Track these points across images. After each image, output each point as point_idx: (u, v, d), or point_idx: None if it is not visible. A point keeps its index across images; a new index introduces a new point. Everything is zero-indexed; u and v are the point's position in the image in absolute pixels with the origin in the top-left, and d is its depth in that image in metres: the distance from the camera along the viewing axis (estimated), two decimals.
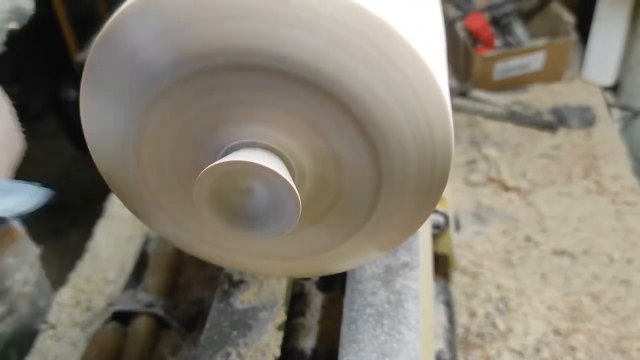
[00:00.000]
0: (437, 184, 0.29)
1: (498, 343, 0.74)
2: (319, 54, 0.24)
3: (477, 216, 0.93)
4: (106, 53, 0.26)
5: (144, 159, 0.29)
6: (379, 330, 0.42)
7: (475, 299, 0.80)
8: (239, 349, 0.43)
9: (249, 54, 0.25)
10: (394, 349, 0.40)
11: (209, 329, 0.44)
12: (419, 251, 0.48)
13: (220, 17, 0.24)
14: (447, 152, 0.28)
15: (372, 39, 0.25)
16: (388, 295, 0.44)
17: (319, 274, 0.37)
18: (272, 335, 0.44)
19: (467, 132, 1.11)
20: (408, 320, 0.42)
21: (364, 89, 0.25)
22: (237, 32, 0.24)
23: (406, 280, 0.45)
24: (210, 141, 0.28)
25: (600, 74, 1.20)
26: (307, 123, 0.26)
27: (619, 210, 0.92)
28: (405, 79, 0.25)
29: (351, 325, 0.42)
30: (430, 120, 0.27)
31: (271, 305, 0.45)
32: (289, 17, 0.24)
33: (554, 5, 1.24)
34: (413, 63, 0.25)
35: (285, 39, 0.24)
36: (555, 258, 0.85)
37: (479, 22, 1.19)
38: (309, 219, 0.30)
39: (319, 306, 0.51)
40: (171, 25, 0.25)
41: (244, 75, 0.25)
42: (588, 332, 0.75)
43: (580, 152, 1.05)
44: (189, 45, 0.25)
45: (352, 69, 0.25)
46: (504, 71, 1.19)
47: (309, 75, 0.25)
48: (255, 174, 0.25)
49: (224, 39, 0.24)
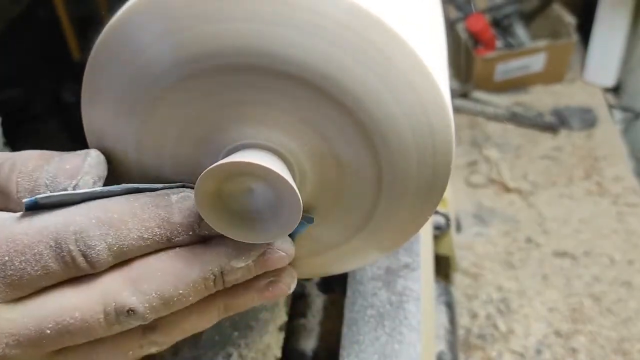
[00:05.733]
0: (438, 185, 0.29)
1: (499, 344, 0.74)
2: (320, 54, 0.24)
3: (478, 217, 0.93)
4: (107, 54, 0.27)
5: (144, 160, 0.29)
6: (380, 331, 0.42)
7: (476, 301, 0.80)
8: (241, 349, 0.43)
9: (249, 54, 0.25)
10: (395, 350, 0.40)
11: (210, 330, 0.44)
12: (420, 252, 0.48)
13: (221, 18, 0.24)
14: (448, 153, 0.28)
15: (372, 40, 0.25)
16: (389, 296, 0.44)
17: (320, 275, 0.37)
18: (274, 336, 0.44)
19: (468, 134, 1.11)
20: (409, 322, 0.42)
21: (364, 90, 0.25)
22: (238, 33, 0.24)
23: (407, 282, 0.45)
24: (211, 142, 0.28)
25: (601, 75, 1.20)
26: (308, 124, 0.26)
27: (620, 212, 0.92)
28: (405, 79, 0.25)
29: (352, 326, 0.42)
30: (431, 121, 0.27)
31: (272, 306, 0.45)
32: (289, 18, 0.24)
33: (555, 7, 1.24)
34: (413, 64, 0.25)
35: (286, 40, 0.24)
36: (556, 259, 0.85)
37: (480, 23, 1.19)
38: None
39: (320, 307, 0.51)
40: (172, 27, 0.25)
41: (244, 76, 0.25)
42: (589, 333, 0.75)
43: (582, 153, 1.05)
44: (190, 46, 0.25)
45: (353, 69, 0.25)
46: (505, 72, 1.19)
47: (310, 76, 0.25)
48: (256, 175, 0.25)
49: (224, 40, 0.24)
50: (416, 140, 0.27)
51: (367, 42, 0.24)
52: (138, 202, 0.25)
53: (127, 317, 0.25)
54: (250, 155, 0.26)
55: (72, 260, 0.24)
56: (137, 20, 0.25)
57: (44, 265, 0.24)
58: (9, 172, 0.26)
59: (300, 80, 0.25)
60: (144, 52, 0.25)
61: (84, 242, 0.24)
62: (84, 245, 0.24)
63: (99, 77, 0.27)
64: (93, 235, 0.24)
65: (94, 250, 0.24)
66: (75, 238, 0.24)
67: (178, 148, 0.28)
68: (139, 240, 0.25)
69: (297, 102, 0.26)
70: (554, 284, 0.82)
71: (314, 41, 0.24)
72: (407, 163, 0.27)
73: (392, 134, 0.26)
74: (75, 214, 0.25)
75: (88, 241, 0.24)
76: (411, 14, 0.28)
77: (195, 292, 0.26)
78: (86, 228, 0.24)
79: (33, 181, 0.26)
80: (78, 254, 0.24)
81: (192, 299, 0.26)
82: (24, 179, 0.26)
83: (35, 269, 0.24)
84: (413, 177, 0.28)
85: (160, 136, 0.28)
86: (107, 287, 0.25)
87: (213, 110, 0.27)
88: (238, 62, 0.25)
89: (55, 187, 0.26)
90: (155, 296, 0.25)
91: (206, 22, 0.24)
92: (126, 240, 0.25)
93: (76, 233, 0.24)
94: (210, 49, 0.25)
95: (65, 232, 0.24)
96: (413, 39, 0.25)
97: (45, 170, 0.26)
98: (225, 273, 0.27)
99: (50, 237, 0.24)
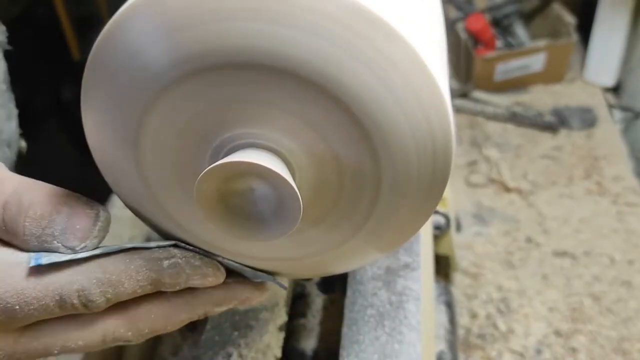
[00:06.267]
0: (437, 185, 0.29)
1: (499, 344, 0.74)
2: (319, 54, 0.24)
3: (478, 217, 0.93)
4: (107, 54, 0.26)
5: (144, 160, 0.29)
6: (380, 331, 0.42)
7: (476, 300, 0.80)
8: (241, 349, 0.43)
9: (249, 54, 0.25)
10: (395, 350, 0.40)
11: (209, 330, 0.44)
12: (420, 252, 0.48)
13: (221, 18, 0.24)
14: (448, 153, 0.28)
15: (372, 39, 0.25)
16: (389, 296, 0.44)
17: (320, 274, 0.37)
18: (274, 335, 0.44)
19: (468, 133, 1.11)
20: (409, 321, 0.42)
21: (363, 89, 0.25)
22: (237, 33, 0.24)
23: (407, 281, 0.45)
24: (211, 142, 0.28)
25: (601, 75, 1.20)
26: (307, 123, 0.26)
27: (620, 212, 0.92)
28: (405, 79, 0.25)
29: (352, 326, 0.42)
30: (430, 121, 0.27)
31: (272, 306, 0.45)
32: (289, 17, 0.24)
33: (555, 6, 1.24)
34: (413, 64, 0.25)
35: (286, 40, 0.24)
36: (556, 259, 0.85)
37: (480, 23, 1.19)
38: (310, 220, 0.30)
39: (320, 307, 0.51)
40: (172, 26, 0.25)
41: (244, 76, 0.25)
42: (589, 333, 0.75)
43: (581, 153, 1.05)
44: (189, 46, 0.25)
45: (352, 69, 0.25)
46: (505, 72, 1.19)
47: (309, 76, 0.25)
48: (256, 175, 0.25)
49: (224, 39, 0.24)
50: (416, 140, 0.27)
51: (367, 41, 0.24)
52: (133, 264, 0.28)
53: (122, 344, 0.30)
54: (250, 155, 0.26)
55: (74, 308, 0.28)
56: (137, 20, 0.25)
57: (50, 312, 0.28)
58: (17, 215, 0.27)
59: (300, 79, 0.25)
60: (143, 51, 0.25)
61: (86, 297, 0.27)
62: (86, 300, 0.27)
63: (99, 77, 0.27)
64: (94, 293, 0.27)
65: (94, 303, 0.28)
66: (78, 295, 0.27)
67: (178, 147, 0.28)
68: (133, 294, 0.29)
69: (296, 101, 0.26)
70: (554, 284, 0.82)
71: (314, 41, 0.24)
72: (407, 163, 0.27)
73: (392, 134, 0.26)
74: (77, 273, 0.28)
75: (89, 297, 0.27)
76: (411, 13, 0.28)
77: (182, 325, 0.31)
78: (87, 287, 0.27)
79: (41, 229, 0.27)
80: (80, 305, 0.27)
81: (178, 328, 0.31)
82: (32, 224, 0.27)
83: (40, 313, 0.27)
84: (413, 177, 0.28)
85: (160, 135, 0.28)
86: (106, 323, 0.29)
87: (213, 110, 0.27)
88: (238, 62, 0.25)
89: (63, 242, 0.28)
90: (147, 332, 0.30)
91: (206, 21, 0.24)
92: (122, 296, 0.28)
93: (79, 291, 0.27)
94: (210, 49, 0.25)
95: (69, 290, 0.27)
96: (413, 38, 0.25)
97: (54, 222, 0.28)
98: (210, 313, 0.32)
99: (56, 293, 0.27)
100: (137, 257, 0.29)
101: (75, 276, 0.27)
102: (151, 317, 0.30)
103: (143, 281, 0.29)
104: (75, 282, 0.27)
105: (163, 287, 0.29)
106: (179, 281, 0.29)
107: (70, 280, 0.27)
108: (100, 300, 0.28)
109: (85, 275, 0.27)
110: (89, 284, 0.27)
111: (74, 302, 0.27)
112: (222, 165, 0.25)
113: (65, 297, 0.27)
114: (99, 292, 0.28)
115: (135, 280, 0.28)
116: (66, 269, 0.28)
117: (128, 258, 0.28)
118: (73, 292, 0.27)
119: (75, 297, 0.27)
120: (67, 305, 0.27)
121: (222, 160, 0.25)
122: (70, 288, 0.27)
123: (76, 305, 0.27)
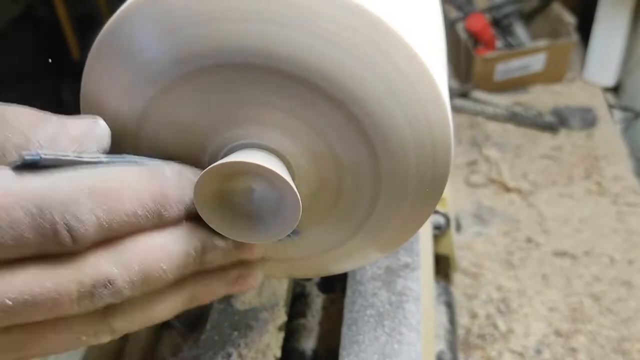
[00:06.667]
0: (437, 185, 0.29)
1: (499, 344, 0.74)
2: (319, 54, 0.24)
3: (478, 217, 0.93)
4: (107, 53, 0.27)
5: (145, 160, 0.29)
6: (380, 331, 0.42)
7: (476, 300, 0.80)
8: (240, 349, 0.43)
9: (249, 54, 0.25)
10: (395, 350, 0.40)
11: (209, 330, 0.44)
12: (420, 252, 0.48)
13: (221, 18, 0.24)
14: (447, 153, 0.28)
15: (372, 39, 0.25)
16: (389, 296, 0.44)
17: (320, 274, 0.37)
18: (273, 335, 0.44)
19: (468, 133, 1.11)
20: (409, 321, 0.42)
21: (363, 90, 0.25)
22: (237, 33, 0.24)
23: (407, 281, 0.45)
24: (210, 142, 0.28)
25: (601, 75, 1.20)
26: (307, 124, 0.26)
27: (620, 212, 0.92)
28: (404, 79, 0.25)
29: (352, 326, 0.42)
30: (430, 121, 0.27)
31: (272, 306, 0.45)
32: (288, 17, 0.24)
33: (555, 6, 1.24)
34: (413, 64, 0.25)
35: (285, 40, 0.24)
36: (556, 259, 0.85)
37: (480, 23, 1.19)
38: (309, 220, 0.30)
39: (320, 307, 0.51)
40: (171, 26, 0.25)
41: (243, 76, 0.25)
42: (589, 333, 0.75)
43: (582, 153, 1.04)
44: (189, 46, 0.25)
45: (352, 69, 0.25)
46: (505, 72, 1.19)
47: (309, 76, 0.25)
48: (255, 175, 0.25)
49: (224, 39, 0.24)
50: (415, 140, 0.27)
51: (366, 42, 0.24)
52: (133, 174, 0.23)
53: (102, 290, 0.22)
54: (249, 155, 0.26)
55: (54, 234, 0.21)
56: (137, 19, 0.25)
57: (18, 235, 0.20)
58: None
59: (299, 79, 0.25)
60: (143, 51, 0.25)
61: (72, 213, 0.21)
62: (71, 216, 0.21)
63: (98, 76, 0.27)
64: (83, 207, 0.21)
65: (82, 225, 0.21)
66: (62, 208, 0.21)
67: (178, 147, 0.28)
68: (131, 216, 0.23)
69: (295, 101, 0.26)
70: (553, 284, 0.81)
71: (313, 41, 0.24)
72: (406, 163, 0.27)
73: (391, 134, 0.26)
74: (64, 179, 0.21)
75: (77, 213, 0.21)
76: (411, 13, 0.28)
77: (176, 268, 0.25)
78: (76, 197, 0.21)
79: (25, 138, 0.22)
80: (62, 227, 0.21)
81: (170, 277, 0.25)
82: (15, 135, 0.22)
83: (7, 237, 0.20)
84: (412, 177, 0.28)
85: (160, 135, 0.28)
86: (87, 257, 0.22)
87: (212, 110, 0.27)
88: (237, 62, 0.25)
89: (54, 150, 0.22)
90: (137, 269, 0.23)
91: (205, 21, 0.24)
92: (118, 215, 0.22)
93: (64, 202, 0.21)
94: (209, 49, 0.25)
95: (51, 199, 0.20)
96: (412, 38, 0.25)
97: (42, 130, 0.23)
98: (206, 251, 0.26)
99: (33, 203, 0.20)
100: (137, 167, 0.24)
101: (61, 182, 0.21)
102: (143, 248, 0.23)
103: (144, 194, 0.23)
104: (60, 188, 0.21)
105: (165, 204, 0.24)
106: (184, 194, 0.25)
107: (54, 186, 0.21)
108: (90, 220, 0.21)
109: (74, 183, 0.21)
110: (79, 193, 0.21)
111: (56, 219, 0.20)
112: (222, 165, 0.25)
113: (45, 208, 0.20)
114: (90, 208, 0.21)
115: (136, 192, 0.23)
116: (50, 173, 0.21)
117: (127, 169, 0.23)
118: (56, 203, 0.20)
119: (58, 212, 0.20)
120: (46, 228, 0.20)
121: (222, 160, 0.25)
122: (53, 196, 0.20)
123: (57, 228, 0.21)
